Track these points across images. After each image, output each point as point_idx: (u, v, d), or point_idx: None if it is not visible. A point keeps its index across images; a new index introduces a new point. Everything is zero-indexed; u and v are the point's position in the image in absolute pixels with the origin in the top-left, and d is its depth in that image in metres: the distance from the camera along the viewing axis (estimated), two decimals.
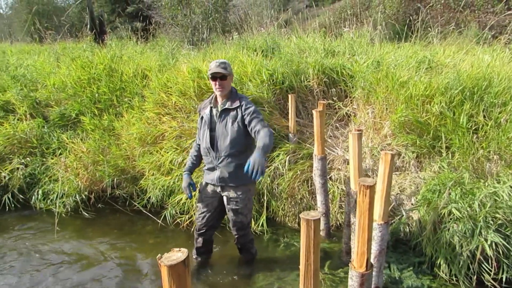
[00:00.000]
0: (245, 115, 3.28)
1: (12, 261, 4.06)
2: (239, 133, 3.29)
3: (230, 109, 3.32)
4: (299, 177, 4.58)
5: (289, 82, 5.32)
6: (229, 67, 3.32)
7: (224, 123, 3.32)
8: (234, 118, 3.30)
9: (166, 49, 7.97)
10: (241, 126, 3.30)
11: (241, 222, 3.51)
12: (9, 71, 7.16)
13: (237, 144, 3.30)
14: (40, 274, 3.80)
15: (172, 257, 1.42)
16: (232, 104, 3.32)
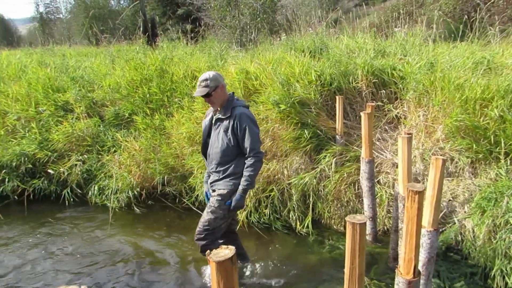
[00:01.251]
0: (237, 129, 3.24)
1: (65, 248, 4.34)
2: (228, 144, 3.28)
3: (223, 118, 3.30)
4: (346, 179, 4.52)
5: (337, 83, 5.26)
6: (213, 81, 3.21)
7: (217, 132, 3.33)
8: (225, 128, 3.28)
9: (215, 50, 8.13)
10: (231, 137, 3.26)
11: (208, 220, 3.35)
12: (68, 73, 7.59)
13: (226, 154, 3.30)
14: (91, 265, 4.03)
15: (220, 254, 1.47)
16: (225, 114, 3.29)
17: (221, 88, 3.26)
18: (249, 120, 3.26)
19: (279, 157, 4.97)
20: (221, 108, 3.31)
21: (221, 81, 3.27)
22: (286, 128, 5.05)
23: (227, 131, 3.26)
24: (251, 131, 3.23)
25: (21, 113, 6.39)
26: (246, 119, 3.24)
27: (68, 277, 3.83)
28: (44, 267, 4.05)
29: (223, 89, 3.28)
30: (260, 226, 4.58)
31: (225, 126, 3.27)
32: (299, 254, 4.07)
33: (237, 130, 3.23)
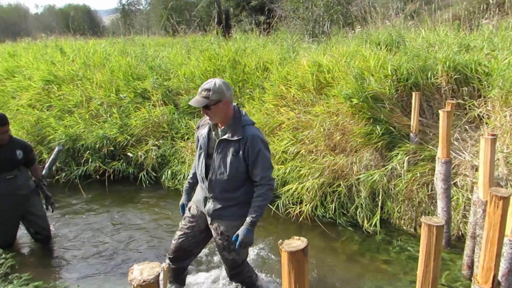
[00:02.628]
0: (248, 153, 2.74)
1: (138, 224, 4.64)
2: (239, 170, 2.76)
3: (231, 140, 2.74)
4: (419, 179, 4.34)
5: (414, 78, 5.03)
6: (216, 93, 2.64)
7: (223, 155, 2.77)
8: (235, 152, 2.74)
9: (287, 42, 8.12)
10: (243, 161, 2.75)
11: (234, 260, 3.01)
12: (147, 62, 8.00)
13: (235, 181, 2.80)
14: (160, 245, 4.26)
15: (292, 244, 1.49)
16: (233, 135, 2.73)
17: (225, 103, 2.68)
18: (262, 143, 2.77)
19: (348, 152, 4.88)
20: (226, 126, 2.77)
21: (226, 94, 2.68)
22: (357, 123, 4.94)
23: (237, 155, 2.73)
24: (263, 156, 2.75)
25: (104, 98, 6.84)
26: (259, 142, 2.75)
27: (140, 251, 4.10)
28: (119, 240, 4.39)
29: (227, 104, 2.70)
30: (325, 221, 4.55)
31: (235, 149, 2.74)
32: (365, 252, 3.99)
33: (247, 154, 2.73)
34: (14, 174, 3.93)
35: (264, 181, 2.77)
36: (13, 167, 3.92)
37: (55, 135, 6.25)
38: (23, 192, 4.01)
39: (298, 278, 1.49)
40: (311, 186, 4.62)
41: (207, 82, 2.70)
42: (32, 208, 4.10)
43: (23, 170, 4.06)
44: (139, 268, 1.49)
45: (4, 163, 3.84)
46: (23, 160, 3.99)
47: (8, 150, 3.86)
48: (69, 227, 4.70)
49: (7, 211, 3.91)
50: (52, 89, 7.34)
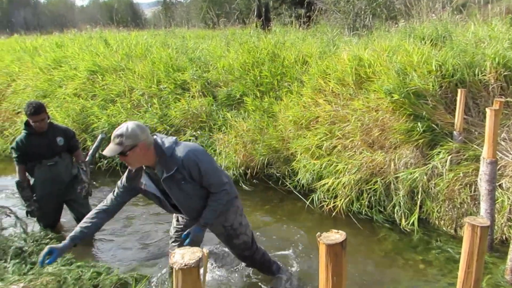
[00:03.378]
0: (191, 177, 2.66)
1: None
2: (197, 191, 2.73)
3: (169, 176, 2.62)
4: (461, 179, 4.18)
5: (460, 75, 4.84)
6: (130, 138, 2.48)
7: (175, 189, 2.67)
8: (183, 181, 2.64)
9: (327, 36, 8.02)
10: (194, 183, 2.69)
11: (244, 242, 3.09)
12: (187, 54, 8.12)
13: (202, 198, 2.78)
14: None
15: (330, 237, 1.49)
16: (169, 171, 2.60)
17: (142, 147, 2.53)
18: (195, 157, 2.64)
19: (387, 148, 4.78)
20: (157, 166, 2.65)
21: (141, 137, 2.52)
22: (397, 119, 4.82)
23: (186, 182, 2.65)
24: (206, 167, 2.67)
25: (145, 89, 7.01)
26: (192, 158, 2.62)
27: None
28: (155, 227, 4.52)
29: (145, 148, 2.54)
30: (360, 217, 4.49)
31: (180, 178, 2.64)
32: (402, 251, 3.90)
33: (192, 176, 2.65)
34: (54, 161, 4.03)
35: (218, 189, 2.75)
36: (54, 153, 4.02)
37: (98, 124, 6.48)
38: (64, 179, 4.13)
39: (335, 271, 1.48)
40: (347, 181, 4.57)
41: (118, 128, 2.54)
42: (73, 195, 4.22)
43: (65, 156, 4.15)
44: (181, 252, 1.53)
45: (44, 150, 3.94)
46: (65, 147, 4.09)
47: (49, 137, 3.96)
48: None
49: (49, 196, 4.06)
50: (96, 79, 7.60)
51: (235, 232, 3.04)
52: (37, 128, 3.86)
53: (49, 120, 3.98)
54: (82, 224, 2.69)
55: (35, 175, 4.02)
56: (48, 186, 4.02)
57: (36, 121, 3.81)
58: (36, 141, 3.91)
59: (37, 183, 4.03)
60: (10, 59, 9.94)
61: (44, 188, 4.02)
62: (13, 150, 3.93)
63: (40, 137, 3.92)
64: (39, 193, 4.03)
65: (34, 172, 4.01)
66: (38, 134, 3.90)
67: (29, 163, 3.97)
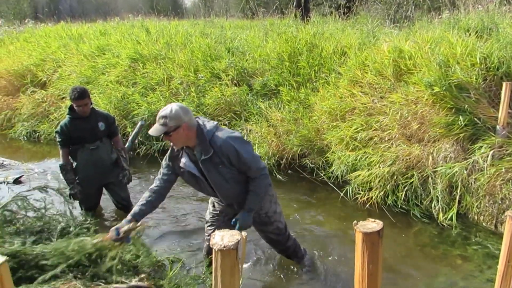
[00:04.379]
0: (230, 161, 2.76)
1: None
2: (235, 176, 2.81)
3: (207, 158, 2.72)
4: (503, 175, 4.06)
5: (506, 67, 4.66)
6: (174, 120, 2.62)
7: (213, 172, 2.77)
8: (220, 164, 2.75)
9: (367, 27, 7.88)
10: (232, 168, 2.78)
11: (278, 227, 3.19)
12: (226, 44, 8.19)
13: (240, 183, 2.86)
14: None
15: (367, 226, 1.52)
16: (207, 153, 2.70)
17: (185, 128, 2.66)
18: (234, 143, 2.73)
19: (426, 142, 4.69)
20: (196, 147, 2.76)
21: (185, 119, 2.66)
22: (437, 112, 4.71)
23: (223, 166, 2.75)
24: (243, 153, 2.75)
25: (184, 78, 7.14)
26: (231, 144, 2.72)
27: None
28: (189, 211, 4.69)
29: (187, 129, 2.68)
30: (395, 211, 4.45)
31: (217, 162, 2.74)
32: (438, 246, 3.85)
33: (230, 161, 2.75)
34: (96, 145, 4.17)
35: (257, 173, 2.81)
36: (96, 138, 4.16)
37: (138, 111, 6.68)
38: (105, 163, 4.28)
39: (371, 259, 1.51)
40: (381, 173, 4.53)
41: (163, 110, 2.67)
42: (113, 179, 4.39)
43: (106, 141, 4.29)
44: (220, 235, 1.60)
45: (87, 134, 4.09)
46: (106, 131, 4.24)
47: (91, 122, 4.10)
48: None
49: (90, 179, 4.23)
50: (137, 67, 7.82)
51: (270, 220, 3.14)
52: (80, 112, 4.02)
53: (91, 105, 4.14)
54: (139, 203, 2.87)
55: (77, 159, 4.19)
56: (90, 169, 4.19)
57: (79, 106, 3.96)
58: (79, 125, 4.07)
59: (79, 166, 4.21)
60: (56, 46, 10.32)
61: (86, 171, 4.20)
62: (57, 134, 4.10)
63: (83, 121, 4.07)
64: (81, 175, 4.21)
65: (77, 155, 4.17)
66: (81, 119, 4.06)
67: (72, 146, 4.14)
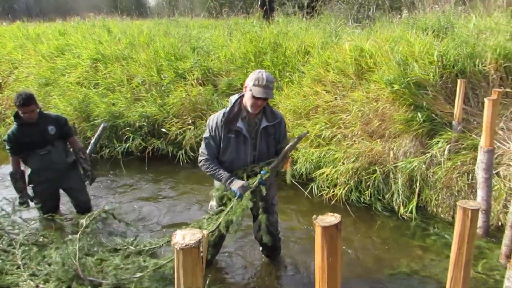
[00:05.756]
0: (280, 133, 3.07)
1: (173, 198, 4.85)
2: (273, 150, 3.09)
3: (270, 125, 2.99)
4: (459, 168, 4.24)
5: (461, 65, 4.87)
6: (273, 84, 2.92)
7: (266, 140, 3.02)
8: (272, 135, 3.03)
9: (331, 26, 8.02)
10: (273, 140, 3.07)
11: (276, 220, 3.42)
12: (190, 43, 8.11)
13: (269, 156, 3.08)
14: None
15: (326, 220, 1.54)
16: (274, 120, 3.00)
17: None
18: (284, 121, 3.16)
19: (387, 138, 4.83)
20: (260, 114, 2.97)
21: None
22: (397, 109, 4.86)
23: (273, 137, 3.05)
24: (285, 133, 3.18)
25: (147, 77, 7.01)
26: (284, 122, 3.13)
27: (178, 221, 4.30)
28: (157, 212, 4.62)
29: None
30: (359, 206, 4.55)
31: (271, 132, 3.02)
32: (399, 238, 3.98)
33: (279, 134, 3.07)
34: (47, 149, 4.01)
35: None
36: (46, 143, 4.00)
37: (98, 112, 6.49)
38: (59, 167, 4.12)
39: (330, 252, 1.54)
40: (345, 170, 4.62)
41: (266, 75, 2.81)
42: (71, 182, 4.25)
43: (58, 144, 4.12)
44: (182, 234, 1.59)
45: (36, 139, 3.92)
46: (57, 135, 4.07)
47: (40, 127, 3.93)
48: (110, 199, 4.96)
49: (45, 183, 4.08)
50: (99, 67, 7.62)
51: (273, 209, 3.32)
52: (27, 119, 3.83)
53: (39, 110, 3.95)
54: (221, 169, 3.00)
55: (29, 164, 4.03)
56: (43, 174, 4.04)
57: (25, 112, 3.77)
58: (27, 132, 3.89)
59: (32, 171, 4.05)
60: (12, 46, 9.94)
61: (39, 176, 4.04)
62: (6, 142, 3.92)
63: (31, 127, 3.89)
64: (35, 180, 4.06)
65: (28, 161, 4.01)
66: (29, 125, 3.88)
67: (23, 153, 3.97)
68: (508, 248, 3.27)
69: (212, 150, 3.02)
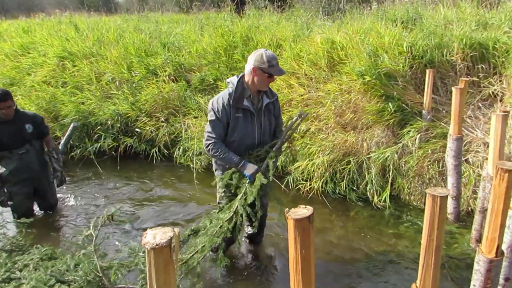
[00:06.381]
0: (278, 109, 3.23)
1: (151, 197, 4.74)
2: (272, 126, 3.22)
3: (270, 102, 3.13)
4: (430, 156, 4.33)
5: (430, 55, 4.96)
6: None
7: (267, 117, 3.14)
8: (270, 110, 3.16)
9: (302, 19, 8.03)
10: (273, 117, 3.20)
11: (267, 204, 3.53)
12: (161, 39, 7.97)
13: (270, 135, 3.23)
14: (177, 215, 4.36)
15: (298, 212, 1.54)
16: (273, 97, 3.15)
17: None
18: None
19: (360, 129, 4.88)
20: (262, 92, 3.09)
21: None
22: (369, 100, 4.92)
23: (273, 112, 3.18)
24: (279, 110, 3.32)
25: (117, 75, 6.86)
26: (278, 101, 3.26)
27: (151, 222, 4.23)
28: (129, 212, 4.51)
29: None
30: (335, 197, 4.59)
31: (270, 109, 3.15)
32: (374, 226, 4.04)
33: (277, 110, 3.21)
34: (25, 148, 3.94)
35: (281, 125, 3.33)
36: (24, 142, 3.93)
37: (67, 111, 6.32)
38: (36, 167, 4.05)
39: (303, 244, 1.54)
40: (321, 163, 4.65)
41: (270, 52, 2.91)
42: (45, 184, 4.19)
43: (36, 143, 4.06)
44: (152, 233, 1.55)
45: (13, 138, 3.84)
46: (35, 133, 3.99)
47: (16, 125, 3.85)
48: (82, 200, 4.84)
49: (24, 182, 3.99)
50: (66, 65, 7.40)
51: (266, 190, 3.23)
52: (4, 116, 3.74)
53: (15, 107, 3.87)
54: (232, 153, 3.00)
55: (4, 164, 3.91)
56: (21, 174, 3.94)
57: (2, 109, 3.69)
58: (4, 130, 3.79)
59: (10, 171, 3.92)
60: None
61: (18, 175, 3.94)
62: None
63: (8, 125, 3.80)
64: (12, 180, 3.93)
65: (5, 162, 3.89)
66: (5, 123, 3.78)
67: (1, 152, 3.87)
68: (478, 233, 3.36)
69: (219, 132, 3.02)
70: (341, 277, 3.32)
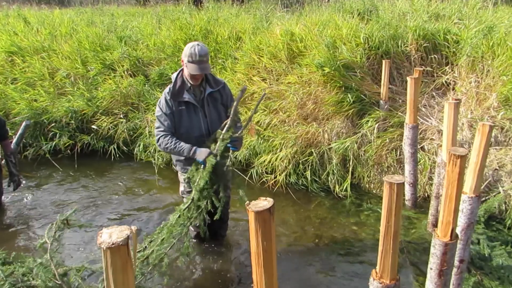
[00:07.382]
0: (228, 97, 3.15)
1: (110, 196, 4.62)
2: (222, 115, 3.13)
3: (215, 91, 3.07)
4: (388, 145, 4.45)
5: (385, 47, 5.08)
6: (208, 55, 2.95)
7: (213, 107, 3.08)
8: (217, 100, 3.10)
9: (261, 11, 8.01)
10: (221, 106, 3.14)
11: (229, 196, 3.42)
12: (116, 32, 7.72)
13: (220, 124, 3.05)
14: (135, 211, 4.27)
15: (258, 205, 1.53)
16: (217, 85, 3.09)
17: None
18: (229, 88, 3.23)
19: (320, 120, 4.94)
20: (202, 82, 3.04)
21: None
22: (329, 91, 4.98)
23: (220, 103, 3.12)
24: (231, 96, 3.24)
25: (71, 70, 6.60)
26: (228, 88, 3.19)
27: (113, 221, 4.13)
28: (89, 211, 4.38)
29: None
30: (298, 188, 4.63)
31: (218, 98, 3.10)
32: (336, 216, 4.11)
33: (226, 99, 3.13)
34: None
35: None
36: None
37: (19, 109, 6.02)
38: None
39: (264, 237, 1.53)
40: (284, 155, 4.67)
41: (201, 48, 2.82)
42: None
43: None
44: (108, 232, 1.49)
45: None
46: None
47: None
48: (38, 201, 4.64)
49: None
50: (16, 61, 7.03)
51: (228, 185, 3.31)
52: None
53: None
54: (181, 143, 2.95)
55: None
56: None
57: None
58: None
59: None
60: None
61: None
62: None
63: None
64: None
65: None
66: None
67: None
68: (434, 218, 3.49)
69: (168, 124, 3.01)
70: (303, 267, 3.36)
